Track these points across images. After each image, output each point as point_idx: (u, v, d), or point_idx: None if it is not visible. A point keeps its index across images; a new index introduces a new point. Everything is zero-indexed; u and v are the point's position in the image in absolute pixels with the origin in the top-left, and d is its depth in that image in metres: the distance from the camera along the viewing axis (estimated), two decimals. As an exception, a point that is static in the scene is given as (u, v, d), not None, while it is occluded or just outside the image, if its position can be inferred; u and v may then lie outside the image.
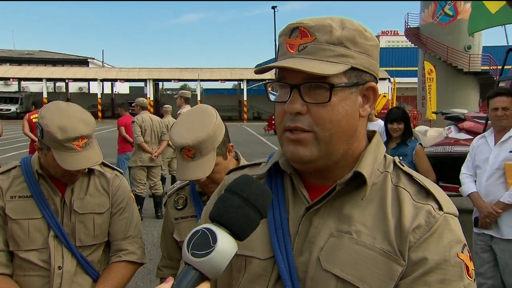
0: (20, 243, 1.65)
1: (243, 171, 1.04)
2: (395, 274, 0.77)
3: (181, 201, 1.76)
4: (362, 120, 0.87)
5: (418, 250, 0.77)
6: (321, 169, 0.87)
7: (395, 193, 0.84)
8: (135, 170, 6.76)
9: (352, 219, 0.82)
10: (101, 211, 1.75)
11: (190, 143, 1.51)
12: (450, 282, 0.76)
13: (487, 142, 3.32)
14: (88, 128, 1.61)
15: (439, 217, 0.80)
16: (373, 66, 0.86)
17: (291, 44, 0.84)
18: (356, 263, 0.79)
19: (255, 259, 0.88)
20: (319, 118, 0.81)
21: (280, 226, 0.87)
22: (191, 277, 0.67)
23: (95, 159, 1.63)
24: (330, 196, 0.84)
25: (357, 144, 0.87)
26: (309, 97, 0.81)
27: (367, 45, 0.84)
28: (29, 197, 1.67)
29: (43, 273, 1.67)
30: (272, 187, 0.93)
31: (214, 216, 0.71)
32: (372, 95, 0.87)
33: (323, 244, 0.82)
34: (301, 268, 0.83)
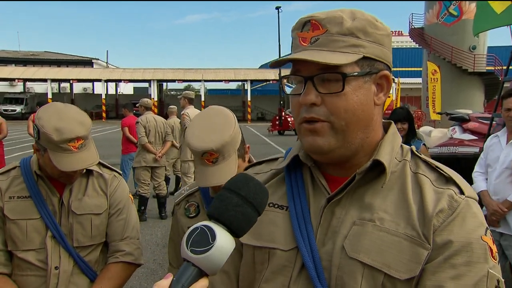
0: (18, 243, 1.67)
1: (260, 166, 1.07)
2: (421, 257, 0.78)
3: (192, 209, 1.69)
4: (377, 109, 0.88)
5: (442, 233, 0.79)
6: (339, 159, 0.88)
7: (415, 179, 0.86)
8: (139, 171, 6.77)
9: (374, 207, 0.84)
10: (98, 212, 1.76)
11: (213, 147, 1.45)
12: (476, 264, 0.77)
13: (499, 141, 3.36)
14: (84, 129, 1.61)
15: (461, 200, 0.81)
16: (385, 55, 0.88)
17: (303, 37, 0.86)
18: (381, 249, 0.80)
19: (278, 250, 0.90)
20: (334, 108, 0.83)
21: (302, 217, 0.89)
22: (190, 273, 0.69)
23: (91, 160, 1.63)
24: (351, 186, 0.86)
25: (374, 133, 0.89)
26: (323, 87, 0.83)
27: (378, 35, 0.86)
28: (27, 198, 1.69)
29: (40, 273, 1.68)
30: (291, 180, 0.95)
31: (213, 213, 0.73)
32: (385, 83, 0.89)
33: (346, 233, 0.84)
34: (325, 258, 0.85)
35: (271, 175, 1.01)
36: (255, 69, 45.36)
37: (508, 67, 5.57)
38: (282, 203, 0.95)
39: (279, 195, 0.97)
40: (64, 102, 1.79)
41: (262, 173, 1.04)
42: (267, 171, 1.03)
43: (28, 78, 40.40)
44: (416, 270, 0.78)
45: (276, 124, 25.58)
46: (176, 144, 7.43)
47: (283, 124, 25.18)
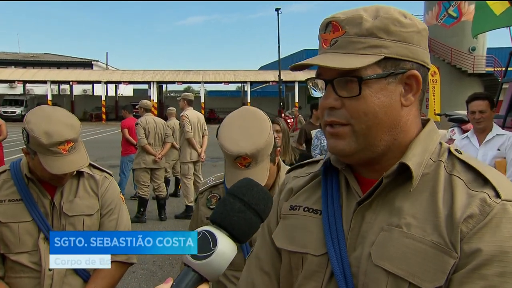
0: (10, 246, 1.68)
1: (301, 170, 1.06)
2: (446, 267, 0.73)
3: (214, 200, 1.70)
4: (406, 110, 0.84)
5: (471, 241, 0.73)
6: (367, 162, 0.87)
7: (449, 182, 0.80)
8: (139, 172, 6.77)
9: (403, 212, 0.80)
10: (90, 213, 1.77)
11: (248, 152, 1.44)
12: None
13: (471, 142, 3.59)
14: (73, 132, 1.62)
15: (495, 205, 0.74)
16: (414, 54, 0.83)
17: (325, 40, 0.85)
18: (407, 257, 0.76)
19: (310, 255, 0.89)
20: (354, 111, 0.81)
21: (334, 222, 0.88)
22: (190, 279, 0.68)
23: (81, 162, 1.64)
24: (380, 190, 0.83)
25: (404, 134, 0.85)
26: (344, 91, 0.82)
27: (405, 33, 0.81)
28: (18, 201, 1.69)
29: (34, 274, 1.69)
30: (327, 184, 0.94)
31: (216, 219, 0.72)
32: (415, 83, 0.84)
33: (374, 239, 0.81)
34: (354, 264, 0.83)
35: (309, 178, 1.00)
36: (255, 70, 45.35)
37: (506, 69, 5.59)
38: (316, 207, 0.93)
39: (314, 199, 0.96)
40: (64, 104, 1.81)
41: (301, 177, 1.03)
42: (305, 175, 1.02)
43: (28, 80, 40.36)
44: (441, 280, 0.73)
45: (276, 125, 25.56)
46: (176, 146, 7.43)
47: (283, 125, 25.17)
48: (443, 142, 0.89)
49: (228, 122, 1.56)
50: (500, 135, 3.51)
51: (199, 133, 6.81)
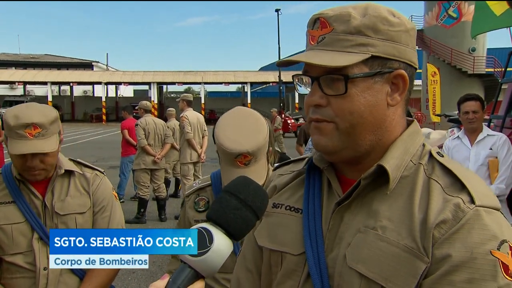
0: (5, 247, 1.70)
1: (287, 167, 1.06)
2: (418, 271, 0.72)
3: (202, 203, 1.70)
4: (392, 110, 0.83)
5: (442, 247, 0.72)
6: (350, 161, 0.86)
7: (427, 185, 0.79)
8: (139, 173, 6.77)
9: (379, 214, 0.79)
10: (82, 211, 1.78)
11: (249, 149, 1.46)
12: (480, 282, 0.69)
13: (462, 142, 3.71)
14: (42, 117, 1.64)
15: (468, 210, 0.73)
16: (401, 53, 0.82)
17: (312, 36, 0.84)
18: (380, 260, 0.76)
19: (289, 254, 0.89)
20: (339, 110, 0.80)
21: (314, 222, 0.87)
22: (186, 275, 0.69)
23: (45, 148, 1.63)
24: (358, 191, 0.82)
25: (389, 134, 0.84)
26: (330, 89, 0.81)
27: (392, 32, 0.80)
28: (11, 203, 1.71)
29: (29, 274, 1.71)
30: (309, 183, 0.93)
31: (212, 216, 0.73)
32: (401, 83, 0.83)
33: (350, 240, 0.81)
34: (330, 265, 0.83)
35: (293, 176, 1.00)
36: (255, 71, 45.38)
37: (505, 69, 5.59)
38: (298, 206, 0.93)
39: (296, 197, 0.95)
40: (64, 105, 1.86)
41: (285, 174, 1.02)
42: (290, 173, 1.02)
43: (28, 81, 40.43)
44: (412, 285, 0.73)
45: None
46: (177, 147, 7.44)
47: (283, 126, 25.18)
48: (426, 144, 0.88)
49: (224, 122, 1.57)
50: (491, 135, 3.65)
51: (199, 134, 6.81)
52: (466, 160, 3.64)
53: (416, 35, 0.87)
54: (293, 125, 24.79)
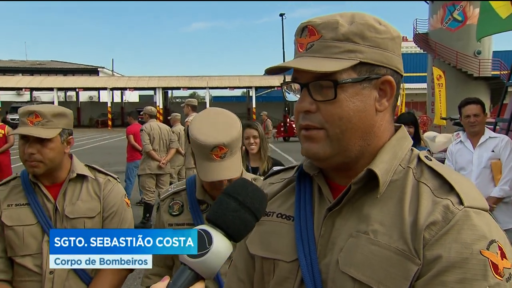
0: (15, 248, 1.72)
1: (278, 175, 1.07)
2: (410, 273, 0.74)
3: (176, 207, 1.70)
4: (380, 115, 0.85)
5: (433, 248, 0.73)
6: (340, 167, 0.87)
7: (416, 188, 0.81)
8: (144, 178, 6.80)
9: (370, 218, 0.81)
10: (91, 215, 1.79)
11: (224, 141, 1.48)
12: (472, 281, 0.70)
13: (465, 146, 3.75)
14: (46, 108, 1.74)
15: (457, 212, 0.75)
16: (388, 60, 0.84)
17: (301, 43, 0.85)
18: (372, 263, 0.77)
19: (282, 262, 0.90)
20: (329, 116, 0.81)
21: (306, 228, 0.88)
22: (186, 277, 0.69)
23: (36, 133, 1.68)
24: (349, 196, 0.83)
25: (377, 140, 0.85)
26: (319, 95, 0.82)
27: (379, 39, 0.82)
28: (25, 205, 1.75)
29: (37, 278, 1.72)
30: (300, 190, 0.94)
31: (211, 218, 0.73)
32: (389, 89, 0.85)
33: (343, 245, 0.82)
34: (324, 271, 0.83)
35: (283, 184, 1.01)
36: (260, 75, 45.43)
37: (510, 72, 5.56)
38: (289, 213, 0.94)
39: (287, 205, 0.96)
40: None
41: (276, 183, 1.03)
42: (280, 181, 1.03)
43: (35, 87, 40.75)
44: (404, 287, 0.74)
45: (281, 130, 25.57)
46: (182, 152, 7.45)
47: (288, 130, 25.18)
48: (414, 149, 0.89)
49: (197, 120, 1.60)
50: (492, 137, 3.68)
51: (204, 138, 6.81)
52: (470, 163, 3.67)
53: (401, 43, 0.89)
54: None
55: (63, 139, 1.76)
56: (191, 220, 1.66)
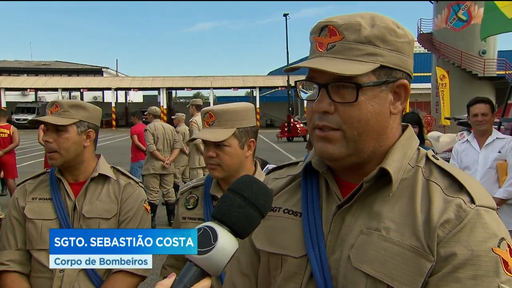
0: (33, 241, 1.75)
1: (281, 171, 1.07)
2: (424, 270, 0.75)
3: (192, 201, 1.76)
4: (393, 118, 0.86)
5: (447, 245, 0.75)
6: (351, 166, 0.87)
7: (426, 187, 0.82)
8: (148, 178, 6.81)
9: (382, 216, 0.82)
10: (107, 217, 1.78)
11: (214, 109, 1.63)
12: (484, 278, 0.73)
13: (471, 146, 3.72)
14: (67, 100, 1.82)
15: (470, 210, 0.77)
16: (404, 63, 0.85)
17: (320, 43, 0.85)
18: (385, 260, 0.78)
19: (290, 257, 0.90)
20: (347, 117, 0.82)
21: (314, 224, 0.89)
22: (192, 273, 0.70)
23: (51, 120, 1.74)
24: (360, 194, 0.85)
25: (389, 140, 0.87)
26: (337, 96, 0.82)
27: (398, 43, 0.83)
28: (48, 200, 1.78)
29: (49, 275, 1.72)
30: (307, 186, 0.95)
31: (216, 214, 0.74)
32: (403, 92, 0.86)
33: (353, 242, 0.83)
34: (333, 266, 0.84)
35: (288, 180, 1.01)
36: (264, 76, 45.49)
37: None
38: (296, 209, 0.94)
39: (294, 201, 0.96)
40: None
41: (280, 178, 1.04)
42: (285, 176, 1.03)
43: (39, 87, 40.95)
44: (418, 283, 0.75)
45: (285, 130, 25.55)
46: (186, 151, 7.46)
47: (292, 130, 25.16)
48: (421, 148, 0.91)
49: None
50: (500, 138, 3.65)
51: (208, 138, 6.81)
52: (475, 163, 3.66)
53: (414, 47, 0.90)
54: (302, 129, 24.75)
55: (80, 131, 1.78)
56: (203, 215, 1.69)
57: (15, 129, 7.78)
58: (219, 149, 1.60)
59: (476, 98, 3.75)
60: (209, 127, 1.63)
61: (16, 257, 1.75)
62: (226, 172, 1.63)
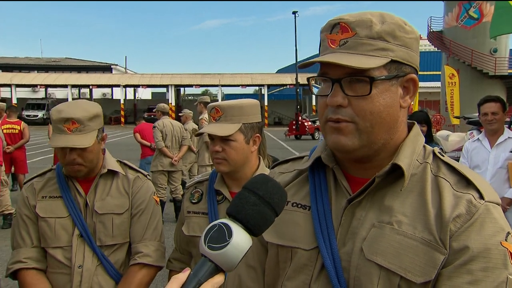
0: (48, 240, 1.75)
1: (286, 165, 1.10)
2: (437, 262, 0.79)
3: (196, 195, 1.78)
4: (402, 111, 0.89)
5: (459, 239, 0.79)
6: (362, 159, 0.90)
7: (435, 183, 0.86)
8: (156, 175, 6.84)
9: (393, 210, 0.85)
10: (120, 212, 1.80)
11: (221, 104, 1.65)
12: (494, 270, 0.76)
13: (482, 145, 3.72)
14: (82, 113, 1.68)
15: (480, 205, 0.81)
16: (412, 58, 0.88)
17: (332, 40, 0.87)
18: (398, 252, 0.81)
19: (300, 249, 0.93)
20: (360, 110, 0.84)
21: (324, 217, 0.91)
22: (206, 269, 0.71)
23: (80, 143, 1.66)
24: (371, 188, 0.87)
25: (398, 134, 0.90)
26: (350, 90, 0.85)
27: (406, 38, 0.86)
28: (58, 197, 1.78)
29: (66, 271, 1.74)
30: (315, 181, 0.97)
31: (231, 211, 0.75)
32: (412, 86, 0.89)
33: (365, 235, 0.86)
34: (344, 258, 0.87)
35: (295, 174, 1.04)
36: (272, 73, 45.40)
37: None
38: (305, 203, 0.97)
39: (302, 195, 0.99)
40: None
41: (287, 172, 1.07)
42: (292, 171, 1.06)
43: (49, 84, 41.28)
44: (431, 274, 0.78)
45: (293, 128, 25.52)
46: (194, 149, 7.49)
47: (300, 128, 25.12)
48: (427, 146, 0.94)
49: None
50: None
51: (216, 136, 6.82)
52: (485, 162, 3.64)
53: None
54: (310, 127, 24.70)
55: (99, 139, 1.78)
56: (207, 210, 1.71)
57: (25, 125, 7.86)
58: (225, 144, 1.62)
59: (486, 97, 3.73)
60: (216, 122, 1.66)
61: (33, 254, 1.76)
62: (231, 167, 1.64)
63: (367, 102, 0.84)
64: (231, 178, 1.70)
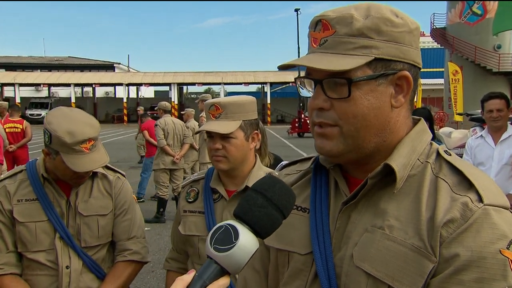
0: (28, 244, 1.72)
1: (294, 166, 1.06)
2: (425, 270, 0.72)
3: (192, 194, 1.77)
4: (396, 111, 0.82)
5: (450, 246, 0.71)
6: (354, 162, 0.86)
7: (434, 184, 0.79)
8: (158, 173, 6.85)
9: (387, 213, 0.79)
10: (104, 213, 1.81)
11: (220, 101, 1.63)
12: (490, 281, 0.68)
13: (486, 141, 3.68)
14: (94, 130, 1.67)
15: (476, 209, 0.72)
16: (405, 54, 0.80)
17: (314, 38, 0.83)
18: (387, 259, 0.76)
19: (296, 254, 0.90)
20: (343, 113, 0.79)
21: (321, 221, 0.87)
22: (212, 270, 0.70)
23: (102, 160, 1.69)
24: (365, 190, 0.82)
25: (394, 135, 0.83)
26: (333, 92, 0.80)
27: (395, 33, 0.79)
28: (35, 200, 1.73)
29: (51, 272, 1.73)
30: (316, 182, 0.93)
31: (238, 213, 0.74)
32: (405, 84, 0.82)
33: (357, 240, 0.81)
34: (338, 264, 0.83)
35: (299, 176, 1.00)
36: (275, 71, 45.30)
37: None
38: (305, 205, 0.93)
39: (303, 197, 0.95)
40: (87, 106, 1.88)
41: (292, 174, 1.03)
42: (296, 172, 1.02)
43: (52, 83, 41.37)
44: (419, 284, 0.72)
45: (296, 126, 25.50)
46: (196, 147, 7.49)
47: (302, 126, 25.09)
48: (433, 143, 0.87)
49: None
50: None
51: (217, 133, 6.82)
52: (490, 159, 3.60)
53: (419, 35, 0.85)
54: (312, 125, 24.63)
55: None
56: (203, 208, 1.70)
57: (27, 124, 7.89)
58: (226, 141, 1.61)
59: (490, 94, 3.68)
60: (216, 119, 1.63)
61: (9, 259, 1.74)
62: (231, 164, 1.63)
63: (349, 105, 0.78)
64: (228, 176, 1.69)
